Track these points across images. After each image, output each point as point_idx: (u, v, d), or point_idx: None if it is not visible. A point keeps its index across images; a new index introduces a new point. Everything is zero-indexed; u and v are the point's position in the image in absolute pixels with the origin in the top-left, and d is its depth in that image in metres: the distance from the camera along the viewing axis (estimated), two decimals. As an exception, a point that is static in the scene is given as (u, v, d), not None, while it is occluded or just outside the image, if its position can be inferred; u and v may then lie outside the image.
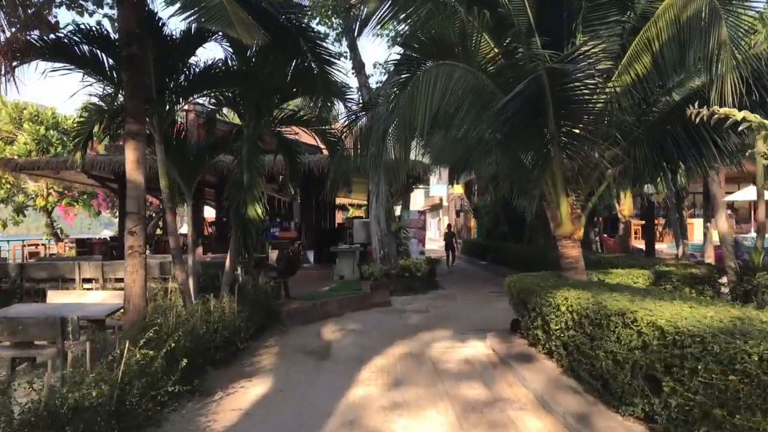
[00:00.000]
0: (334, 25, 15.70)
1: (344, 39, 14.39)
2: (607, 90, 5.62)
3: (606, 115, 5.80)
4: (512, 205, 22.25)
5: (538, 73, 5.03)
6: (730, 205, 23.97)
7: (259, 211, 8.25)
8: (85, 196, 22.43)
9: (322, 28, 14.62)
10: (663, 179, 6.26)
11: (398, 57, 6.43)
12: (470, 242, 25.62)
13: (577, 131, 5.94)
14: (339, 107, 8.83)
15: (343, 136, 8.44)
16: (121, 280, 9.20)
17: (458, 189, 34.79)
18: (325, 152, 10.71)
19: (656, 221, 23.23)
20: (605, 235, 21.64)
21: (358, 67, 12.98)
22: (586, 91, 5.40)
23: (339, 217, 32.82)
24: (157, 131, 7.73)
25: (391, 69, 9.96)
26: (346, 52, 14.33)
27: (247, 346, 7.01)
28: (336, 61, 7.48)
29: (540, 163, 6.15)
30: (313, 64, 7.57)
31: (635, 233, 22.47)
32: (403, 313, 10.34)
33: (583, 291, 5.06)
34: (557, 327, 5.41)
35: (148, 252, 7.75)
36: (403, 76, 6.14)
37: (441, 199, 41.93)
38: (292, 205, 21.64)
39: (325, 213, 23.44)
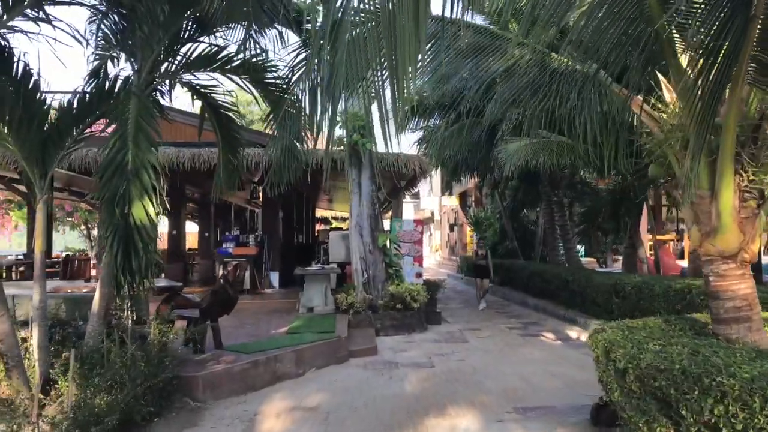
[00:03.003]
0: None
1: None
2: None
3: None
4: (521, 215, 18.98)
5: None
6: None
7: (152, 212, 4.84)
8: (12, 204, 18.69)
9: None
10: None
11: None
12: (467, 260, 22.18)
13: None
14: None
15: (293, 81, 5.02)
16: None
17: (452, 200, 31.62)
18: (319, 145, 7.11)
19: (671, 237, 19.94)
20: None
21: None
22: None
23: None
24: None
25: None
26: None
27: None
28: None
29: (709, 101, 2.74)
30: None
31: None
32: (395, 368, 6.88)
33: None
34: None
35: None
36: None
37: (432, 213, 38.67)
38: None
39: (301, 225, 19.94)
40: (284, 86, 5.23)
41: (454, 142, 11.86)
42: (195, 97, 5.95)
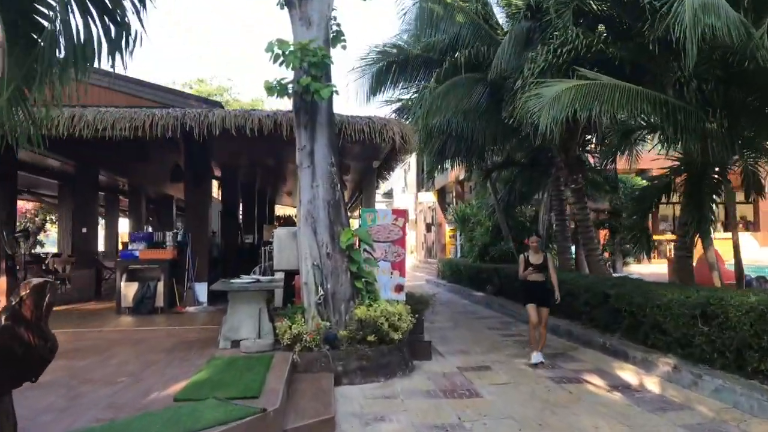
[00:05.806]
0: None
1: None
2: None
3: None
4: (516, 210, 15.97)
5: None
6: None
7: None
8: None
9: None
10: None
11: None
12: (451, 264, 19.17)
13: None
14: None
15: None
16: None
17: (430, 197, 28.64)
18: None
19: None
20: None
21: None
22: None
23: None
24: None
25: None
26: None
27: None
28: None
29: None
30: None
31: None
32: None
33: None
34: None
35: None
36: None
37: (407, 211, 35.56)
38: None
39: (252, 223, 16.55)
40: None
41: (445, 105, 8.76)
42: None
